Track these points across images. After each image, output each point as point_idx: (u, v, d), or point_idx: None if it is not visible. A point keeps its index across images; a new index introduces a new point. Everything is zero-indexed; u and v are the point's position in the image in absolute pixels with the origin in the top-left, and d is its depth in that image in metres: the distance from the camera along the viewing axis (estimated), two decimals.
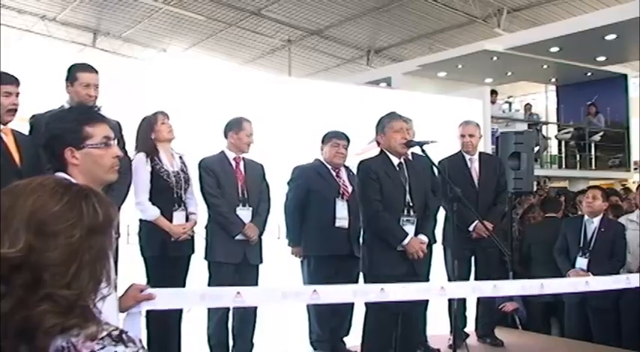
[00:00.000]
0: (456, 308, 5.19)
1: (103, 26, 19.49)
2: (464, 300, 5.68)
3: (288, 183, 5.48)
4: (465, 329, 5.78)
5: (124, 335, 1.15)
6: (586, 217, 5.84)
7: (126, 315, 2.68)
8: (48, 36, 19.14)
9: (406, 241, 4.42)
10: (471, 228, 5.53)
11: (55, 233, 1.15)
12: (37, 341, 1.08)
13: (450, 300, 5.32)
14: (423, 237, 4.55)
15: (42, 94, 4.27)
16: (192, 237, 4.76)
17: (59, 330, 1.10)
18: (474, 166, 5.82)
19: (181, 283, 4.55)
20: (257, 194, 5.00)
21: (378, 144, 4.69)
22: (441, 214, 5.49)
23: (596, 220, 5.75)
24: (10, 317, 1.09)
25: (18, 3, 17.43)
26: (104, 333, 1.14)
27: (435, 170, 4.90)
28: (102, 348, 1.12)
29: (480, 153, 5.97)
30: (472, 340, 5.77)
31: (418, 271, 4.47)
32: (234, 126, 5.03)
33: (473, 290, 4.91)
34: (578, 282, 4.87)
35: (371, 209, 4.49)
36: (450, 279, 5.30)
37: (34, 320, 1.09)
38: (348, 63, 21.71)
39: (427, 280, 4.70)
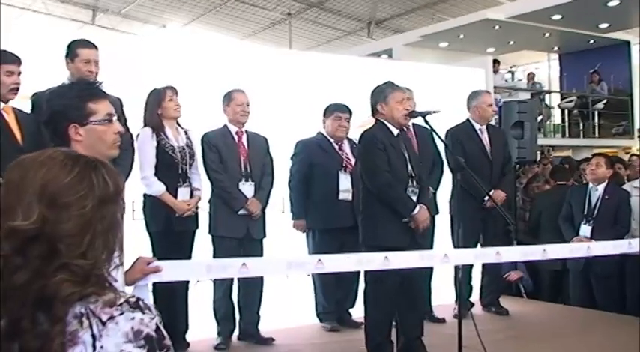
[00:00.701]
0: (461, 277, 5.21)
1: (101, 3, 19.41)
2: (469, 270, 5.73)
3: (292, 158, 5.48)
4: (470, 299, 5.83)
5: (140, 303, 1.18)
6: (590, 185, 5.85)
7: (133, 288, 2.71)
8: (47, 14, 19.05)
9: (416, 211, 4.42)
10: (486, 198, 5.51)
11: (67, 204, 1.16)
12: (54, 309, 1.11)
13: (455, 269, 5.36)
14: (424, 207, 4.57)
15: (43, 72, 4.26)
16: (197, 213, 4.77)
17: (77, 298, 1.13)
18: (484, 137, 5.84)
19: (187, 258, 4.53)
20: (260, 168, 5.01)
21: (375, 114, 4.62)
22: (449, 184, 5.52)
23: (601, 188, 5.75)
24: (27, 288, 1.11)
25: None
26: (122, 300, 1.16)
27: (439, 140, 4.87)
28: (120, 314, 1.14)
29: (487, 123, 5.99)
30: (477, 309, 5.82)
31: (421, 242, 4.48)
32: (226, 99, 5.03)
33: (476, 256, 4.96)
34: (580, 248, 4.90)
35: (382, 179, 4.39)
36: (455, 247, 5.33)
37: (52, 290, 1.11)
38: (348, 35, 21.60)
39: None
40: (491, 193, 5.47)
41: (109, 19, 20.05)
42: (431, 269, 5.46)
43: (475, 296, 5.97)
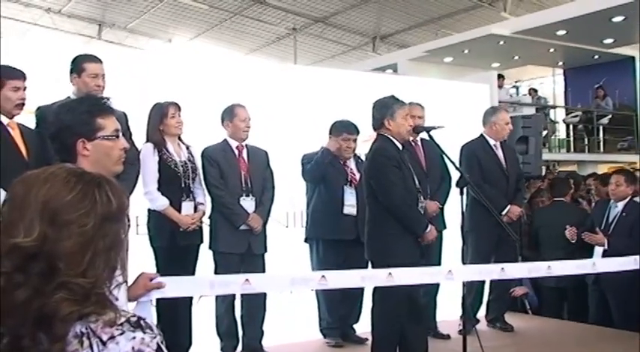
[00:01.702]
0: (466, 293, 5.19)
1: (108, 18, 19.52)
2: (481, 286, 5.77)
3: (303, 169, 5.43)
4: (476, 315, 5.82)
5: (142, 322, 1.17)
6: (611, 201, 5.91)
7: (136, 304, 2.70)
8: (54, 29, 19.17)
9: (427, 230, 4.44)
10: (504, 212, 5.57)
11: (68, 222, 1.16)
12: (54, 328, 1.10)
13: (463, 285, 5.35)
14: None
15: (49, 87, 4.27)
16: (201, 227, 4.77)
17: (76, 318, 1.12)
18: (499, 153, 5.87)
19: (190, 273, 4.55)
20: (260, 182, 5.01)
21: (379, 128, 4.58)
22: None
23: (621, 204, 5.80)
24: (27, 306, 1.10)
25: None
26: (123, 319, 1.16)
27: (446, 155, 4.85)
28: (121, 334, 1.14)
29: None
30: (482, 325, 5.80)
31: (428, 258, 4.50)
32: (228, 114, 5.03)
33: (480, 273, 4.92)
34: (586, 264, 4.88)
35: (399, 197, 4.37)
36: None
37: (51, 309, 1.11)
38: (353, 50, 21.66)
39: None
40: (508, 208, 5.62)
41: (116, 33, 20.16)
42: (437, 285, 5.45)
43: (480, 313, 5.93)
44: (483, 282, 5.71)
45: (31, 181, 1.21)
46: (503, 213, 5.58)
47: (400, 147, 4.52)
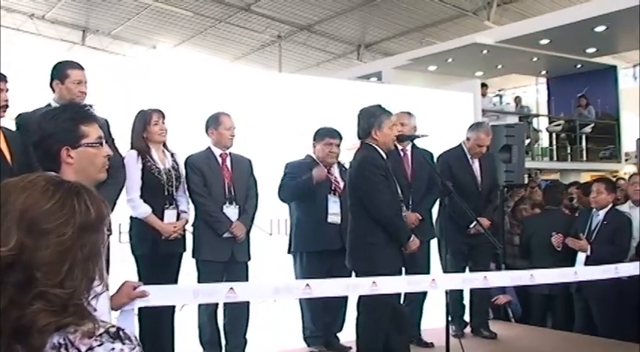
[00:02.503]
0: (449, 301, 5.21)
1: (91, 24, 19.43)
2: (460, 294, 5.79)
3: (282, 179, 5.42)
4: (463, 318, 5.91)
5: (121, 333, 1.15)
6: (593, 210, 5.95)
7: (119, 313, 2.69)
8: (37, 34, 19.05)
9: (411, 240, 4.45)
10: (471, 226, 5.59)
11: (46, 231, 1.14)
12: (31, 340, 1.08)
13: (446, 294, 5.38)
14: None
15: (32, 93, 4.23)
16: (184, 236, 4.74)
17: (54, 329, 1.10)
18: (475, 165, 5.90)
19: (173, 281, 4.51)
20: (244, 191, 4.99)
21: (365, 137, 4.58)
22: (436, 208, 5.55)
23: (602, 212, 5.85)
24: (3, 317, 1.08)
25: (6, 2, 17.33)
26: (101, 330, 1.14)
27: (430, 165, 4.91)
28: (100, 345, 1.12)
29: None
30: (466, 331, 5.88)
31: (412, 268, 4.50)
32: (213, 122, 5.01)
33: (464, 281, 4.95)
34: (568, 273, 4.91)
35: (386, 207, 4.39)
36: (444, 271, 5.34)
37: (28, 320, 1.09)
38: (338, 58, 21.71)
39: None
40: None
41: (100, 39, 20.07)
42: (424, 293, 5.46)
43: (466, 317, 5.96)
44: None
45: (8, 189, 1.19)
46: (471, 226, 5.61)
47: (385, 156, 4.52)
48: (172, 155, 4.79)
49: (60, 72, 4.10)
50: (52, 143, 2.21)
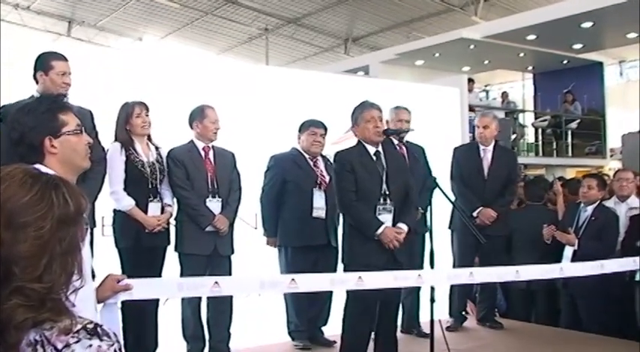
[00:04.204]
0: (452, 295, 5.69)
1: (77, 15, 19.31)
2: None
3: (265, 173, 5.44)
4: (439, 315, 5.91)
5: (98, 329, 1.13)
6: (581, 205, 5.95)
7: (103, 306, 2.66)
8: (22, 25, 18.89)
9: (380, 230, 4.42)
10: (474, 214, 5.70)
11: (24, 224, 1.12)
12: (7, 336, 1.06)
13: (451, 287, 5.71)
14: (402, 226, 4.52)
15: (18, 84, 4.18)
16: (168, 229, 4.71)
17: (30, 325, 1.08)
18: (487, 156, 5.96)
19: (157, 275, 4.47)
20: (227, 184, 4.95)
21: (355, 135, 4.67)
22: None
23: (590, 208, 5.85)
24: None
25: None
26: (79, 326, 1.11)
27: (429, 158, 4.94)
28: (77, 342, 1.09)
29: (496, 145, 6.07)
30: (472, 322, 6.04)
31: (400, 260, 4.46)
32: (197, 115, 4.96)
33: (449, 277, 4.95)
34: (553, 269, 4.92)
35: (345, 200, 4.52)
36: (454, 263, 5.73)
37: (5, 315, 1.06)
38: (325, 51, 21.70)
39: (412, 268, 4.68)
40: (479, 210, 5.74)
41: (85, 31, 19.94)
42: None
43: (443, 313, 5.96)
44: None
45: None
46: (474, 214, 5.68)
47: (373, 150, 4.53)
48: (157, 148, 4.75)
49: (44, 63, 4.06)
50: (33, 136, 2.20)
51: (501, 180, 5.93)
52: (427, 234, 4.62)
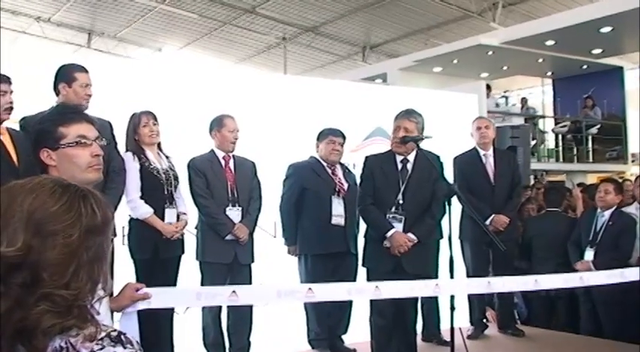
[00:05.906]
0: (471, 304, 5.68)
1: (97, 26, 19.47)
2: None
3: (284, 181, 5.47)
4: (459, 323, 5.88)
5: (122, 337, 1.15)
6: (599, 210, 5.90)
7: (122, 315, 2.68)
8: (43, 37, 19.09)
9: (390, 233, 4.45)
10: (487, 222, 5.63)
11: (53, 232, 1.15)
12: (35, 341, 1.08)
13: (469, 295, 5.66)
14: (411, 236, 4.54)
15: (37, 96, 4.24)
16: (182, 237, 4.72)
17: (58, 330, 1.10)
18: (489, 161, 5.92)
19: (172, 283, 4.49)
20: (247, 193, 4.98)
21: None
22: (459, 209, 5.53)
23: (607, 213, 5.81)
24: (7, 317, 1.08)
25: (12, 4, 17.39)
26: (103, 334, 1.14)
27: (435, 167, 4.88)
28: (101, 349, 1.11)
29: (494, 149, 6.05)
30: (493, 330, 6.00)
31: (407, 269, 4.46)
32: (216, 125, 5.00)
33: (467, 286, 4.93)
34: (573, 278, 4.89)
35: (362, 202, 4.70)
36: (467, 273, 5.66)
37: (32, 320, 1.09)
38: (343, 59, 21.70)
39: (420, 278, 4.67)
40: (492, 217, 5.68)
41: (105, 42, 20.11)
42: None
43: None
44: None
45: (16, 191, 1.19)
46: (487, 222, 5.62)
47: (399, 158, 4.65)
48: (167, 157, 4.76)
49: (67, 75, 4.10)
50: (34, 147, 2.21)
51: (508, 184, 5.89)
52: (441, 242, 4.66)
